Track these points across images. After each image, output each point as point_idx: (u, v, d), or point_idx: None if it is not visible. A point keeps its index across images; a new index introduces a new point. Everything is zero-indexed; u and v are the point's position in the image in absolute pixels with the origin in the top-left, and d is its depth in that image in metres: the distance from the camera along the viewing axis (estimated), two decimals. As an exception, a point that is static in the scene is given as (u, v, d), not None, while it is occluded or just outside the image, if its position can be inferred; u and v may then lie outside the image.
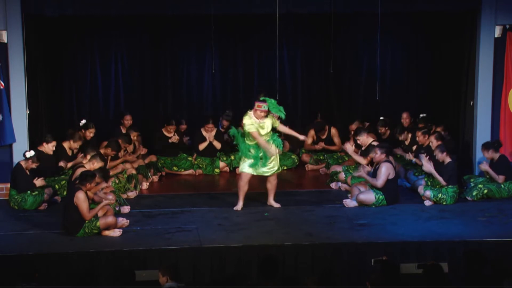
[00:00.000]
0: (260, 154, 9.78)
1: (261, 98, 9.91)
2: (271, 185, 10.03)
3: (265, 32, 12.67)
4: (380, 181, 9.98)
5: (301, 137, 10.26)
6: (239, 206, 9.88)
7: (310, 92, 13.57)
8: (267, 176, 9.97)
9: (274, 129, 9.93)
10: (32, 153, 10.02)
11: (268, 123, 9.73)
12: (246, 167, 9.82)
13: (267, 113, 9.73)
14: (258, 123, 9.67)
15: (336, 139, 12.55)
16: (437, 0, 11.01)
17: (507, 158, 10.60)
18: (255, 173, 9.87)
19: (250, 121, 9.67)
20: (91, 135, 11.47)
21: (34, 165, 10.05)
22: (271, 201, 10.09)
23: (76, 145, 10.92)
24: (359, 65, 13.45)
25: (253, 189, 11.06)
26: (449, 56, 12.34)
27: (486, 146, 10.60)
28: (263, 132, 9.70)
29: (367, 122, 12.59)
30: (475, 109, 11.30)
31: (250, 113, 9.73)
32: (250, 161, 9.79)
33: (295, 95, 13.55)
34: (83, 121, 11.61)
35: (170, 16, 11.92)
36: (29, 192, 10.01)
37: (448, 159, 10.19)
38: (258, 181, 11.83)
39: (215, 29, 11.09)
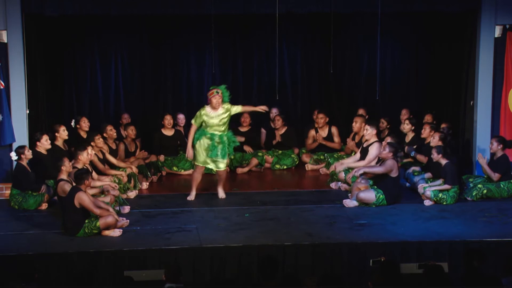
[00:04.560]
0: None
1: (210, 88, 10.30)
2: (219, 177, 10.47)
3: (265, 32, 12.71)
4: (382, 168, 9.92)
5: (261, 108, 10.53)
6: (192, 196, 10.36)
7: (310, 91, 13.58)
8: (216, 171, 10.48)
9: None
10: (14, 154, 10.11)
11: (222, 115, 10.16)
12: (197, 159, 10.29)
13: (221, 98, 10.17)
14: (213, 114, 10.11)
15: (336, 138, 12.55)
16: (437, 0, 11.01)
17: (508, 158, 10.59)
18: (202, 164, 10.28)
19: (198, 113, 10.20)
20: (86, 124, 11.70)
21: (30, 156, 10.12)
22: (218, 189, 10.50)
23: (63, 133, 10.94)
24: (359, 65, 13.46)
25: (252, 189, 11.11)
26: (449, 56, 12.34)
27: (499, 140, 10.50)
28: (214, 121, 10.11)
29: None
30: (475, 109, 11.31)
31: (206, 106, 10.21)
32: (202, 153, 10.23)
33: (295, 95, 13.56)
34: (73, 120, 11.81)
35: (170, 16, 11.92)
36: (30, 192, 10.03)
37: (444, 161, 10.18)
38: (257, 181, 11.89)
39: (215, 29, 11.10)
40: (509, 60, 11.11)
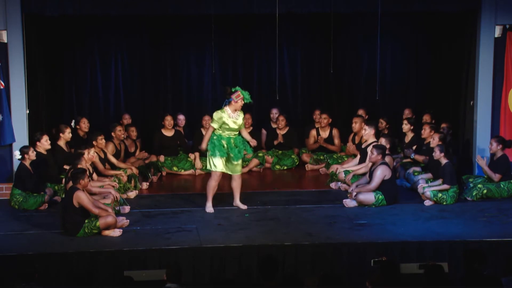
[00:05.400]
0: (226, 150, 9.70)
1: (233, 89, 9.71)
2: (236, 184, 9.91)
3: (265, 32, 12.71)
4: (374, 184, 9.98)
5: (252, 142, 9.95)
6: (210, 208, 9.76)
7: (310, 92, 13.57)
8: (232, 175, 9.89)
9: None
10: (18, 153, 10.08)
11: (240, 118, 9.72)
12: (217, 166, 9.67)
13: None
14: (232, 118, 9.60)
15: (337, 140, 12.55)
16: (437, 0, 11.01)
17: (508, 158, 10.59)
18: (226, 171, 9.73)
19: (219, 115, 9.57)
20: (85, 125, 11.68)
21: (33, 157, 10.10)
22: (237, 202, 9.98)
23: (68, 135, 10.93)
24: (359, 65, 13.45)
25: (251, 188, 11.10)
26: (449, 56, 12.34)
27: (498, 140, 10.50)
28: (235, 125, 9.66)
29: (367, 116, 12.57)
30: (475, 109, 11.31)
31: (226, 108, 9.60)
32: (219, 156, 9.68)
33: (295, 95, 13.56)
34: (73, 121, 11.80)
35: (170, 16, 11.93)
36: (30, 192, 10.03)
37: (444, 160, 10.18)
38: (257, 181, 11.89)
39: (215, 29, 11.11)
40: (509, 60, 11.11)
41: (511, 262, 7.15)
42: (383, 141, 10.56)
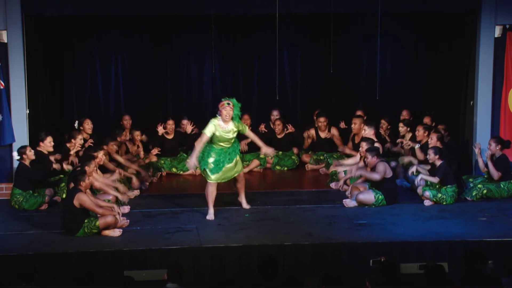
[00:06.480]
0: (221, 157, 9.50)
1: (221, 99, 9.53)
2: (240, 185, 9.86)
3: (265, 32, 12.70)
4: (378, 175, 9.93)
5: (264, 150, 9.73)
6: (211, 215, 9.52)
7: (310, 92, 13.57)
8: (234, 178, 9.77)
9: (242, 135, 9.81)
10: (16, 154, 10.12)
11: (231, 132, 9.43)
12: (210, 176, 9.50)
13: (232, 111, 9.38)
14: (224, 129, 9.37)
15: (337, 141, 12.49)
16: (437, 0, 11.02)
17: (508, 158, 10.60)
18: (220, 180, 9.57)
19: (214, 123, 9.33)
20: (89, 126, 11.53)
21: (32, 156, 10.11)
22: (242, 200, 9.94)
23: (80, 142, 10.91)
24: (359, 65, 13.45)
25: (252, 189, 11.09)
26: (449, 56, 12.35)
27: (497, 140, 10.53)
28: (223, 136, 9.40)
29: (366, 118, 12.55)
30: (475, 109, 11.31)
31: (217, 118, 9.40)
32: (212, 166, 9.48)
33: (295, 95, 13.55)
34: (77, 122, 11.72)
35: (170, 16, 11.93)
36: (31, 192, 10.03)
37: (439, 161, 10.18)
38: (258, 181, 11.90)
39: (215, 29, 11.13)
40: (509, 60, 11.11)
41: (511, 262, 7.15)
42: (364, 145, 10.49)
